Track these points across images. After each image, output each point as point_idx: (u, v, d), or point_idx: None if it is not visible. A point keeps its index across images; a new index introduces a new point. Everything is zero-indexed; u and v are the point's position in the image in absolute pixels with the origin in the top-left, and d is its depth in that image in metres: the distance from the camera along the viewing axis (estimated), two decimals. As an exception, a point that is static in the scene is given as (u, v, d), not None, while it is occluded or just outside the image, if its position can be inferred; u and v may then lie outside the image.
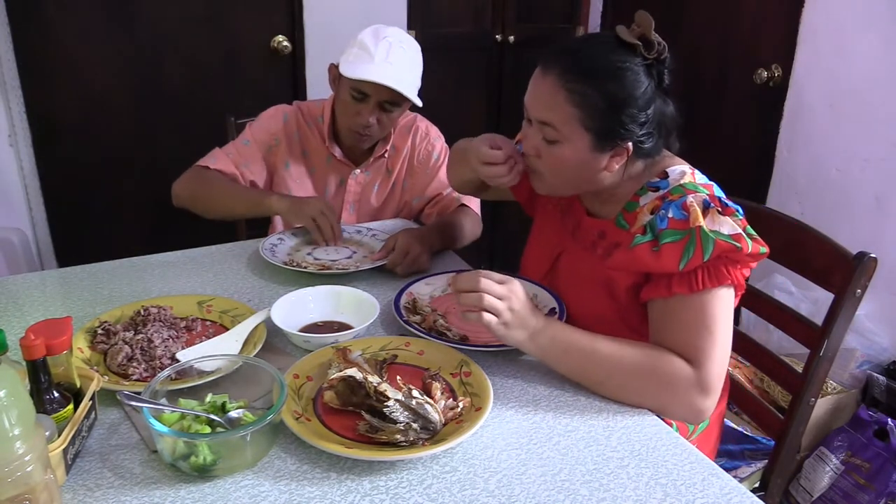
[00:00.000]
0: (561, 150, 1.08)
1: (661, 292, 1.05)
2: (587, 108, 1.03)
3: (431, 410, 0.91)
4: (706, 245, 1.00)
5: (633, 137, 1.05)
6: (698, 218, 1.02)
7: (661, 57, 1.04)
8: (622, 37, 1.04)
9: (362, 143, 1.69)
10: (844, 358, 2.12)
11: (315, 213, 1.51)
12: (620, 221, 1.14)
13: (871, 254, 1.16)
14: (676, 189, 1.08)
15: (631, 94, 1.03)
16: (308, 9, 2.48)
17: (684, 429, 1.21)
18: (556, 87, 1.04)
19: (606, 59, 1.04)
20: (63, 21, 2.23)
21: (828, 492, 1.97)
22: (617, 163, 1.08)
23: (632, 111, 1.03)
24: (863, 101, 2.13)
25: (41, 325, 0.88)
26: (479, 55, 3.00)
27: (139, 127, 2.43)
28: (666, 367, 1.01)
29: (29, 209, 2.29)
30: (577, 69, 1.04)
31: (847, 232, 2.09)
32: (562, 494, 0.84)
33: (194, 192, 1.65)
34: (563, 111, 1.05)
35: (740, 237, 1.01)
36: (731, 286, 1.04)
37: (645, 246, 1.06)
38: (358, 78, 1.53)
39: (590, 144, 1.06)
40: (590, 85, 1.03)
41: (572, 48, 1.08)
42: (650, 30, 1.03)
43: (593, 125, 1.04)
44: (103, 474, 0.85)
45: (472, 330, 1.21)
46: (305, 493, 0.83)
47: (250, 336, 1.12)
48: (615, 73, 1.03)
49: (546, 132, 1.08)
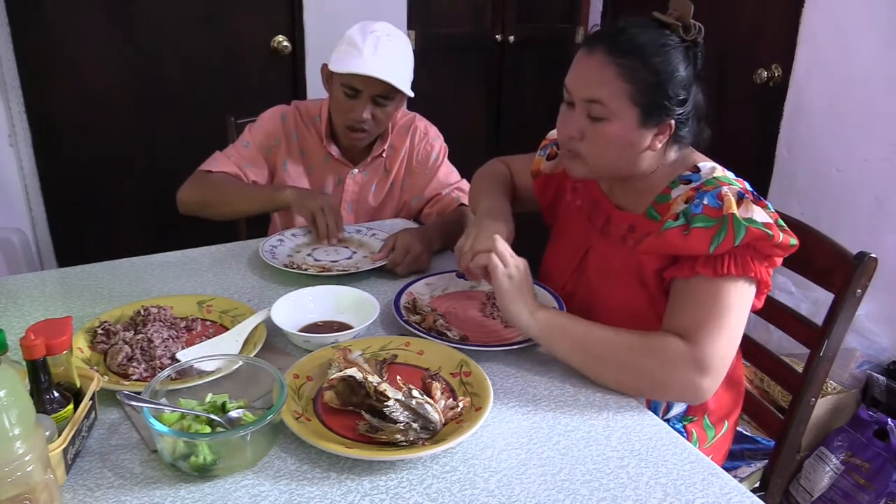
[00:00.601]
0: (608, 128, 1.09)
1: (684, 272, 1.07)
2: (637, 83, 1.05)
3: (431, 410, 0.91)
4: (738, 231, 1.01)
5: (675, 115, 1.08)
6: (732, 206, 1.03)
7: (698, 40, 1.08)
8: (661, 19, 1.08)
9: (359, 141, 1.69)
10: (844, 358, 2.12)
11: (316, 209, 1.52)
12: (652, 213, 1.15)
13: (871, 254, 1.16)
14: (710, 181, 1.10)
15: (676, 70, 1.06)
16: (308, 9, 2.49)
17: (703, 438, 1.22)
18: (605, 64, 1.06)
19: (651, 37, 1.07)
20: (63, 21, 2.23)
21: (828, 492, 1.97)
22: (659, 141, 1.10)
23: (676, 89, 1.07)
24: (863, 101, 2.13)
25: (41, 325, 0.88)
26: (479, 55, 3.01)
27: (139, 127, 2.43)
28: (660, 343, 1.03)
29: (29, 209, 2.29)
30: (626, 46, 1.06)
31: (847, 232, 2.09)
32: (562, 494, 0.84)
33: (203, 197, 1.64)
34: (612, 86, 1.06)
35: (772, 226, 1.02)
36: (753, 280, 1.06)
37: (676, 230, 1.07)
38: (347, 72, 1.53)
39: (637, 121, 1.08)
40: (638, 60, 1.05)
41: (617, 28, 1.10)
42: (689, 14, 1.07)
43: (642, 99, 1.06)
44: (103, 474, 0.85)
45: (472, 330, 1.21)
46: (305, 493, 0.83)
47: (250, 336, 1.12)
48: (660, 50, 1.06)
49: (593, 109, 1.09)
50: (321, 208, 1.52)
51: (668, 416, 1.22)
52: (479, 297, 1.33)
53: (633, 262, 1.16)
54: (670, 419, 1.22)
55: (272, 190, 1.62)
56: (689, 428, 1.22)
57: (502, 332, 1.21)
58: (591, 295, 1.24)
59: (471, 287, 1.37)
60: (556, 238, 1.39)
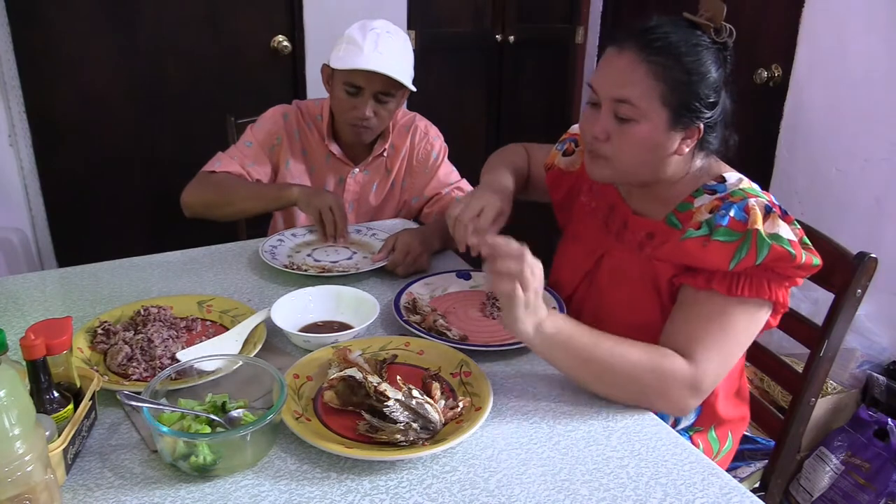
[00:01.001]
0: (637, 129, 1.05)
1: (698, 283, 1.04)
2: (668, 82, 1.02)
3: (431, 410, 0.91)
4: (761, 248, 0.98)
5: (704, 119, 1.05)
6: (757, 221, 1.00)
7: (729, 43, 1.06)
8: (692, 19, 1.05)
9: (363, 137, 1.68)
10: (844, 358, 2.12)
11: (323, 208, 1.51)
12: (672, 220, 1.12)
13: (871, 254, 1.16)
14: (737, 192, 1.06)
15: (708, 71, 1.03)
16: (308, 9, 2.48)
17: (709, 450, 1.21)
18: (636, 62, 1.03)
19: (684, 35, 1.04)
20: (63, 21, 2.23)
21: (828, 492, 1.97)
22: (687, 146, 1.07)
23: (707, 91, 1.04)
24: (863, 101, 2.13)
25: (41, 325, 0.88)
26: (479, 55, 3.00)
27: (139, 127, 2.43)
28: (665, 366, 0.99)
29: (29, 209, 2.29)
30: (658, 43, 1.03)
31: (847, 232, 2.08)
32: (562, 494, 0.84)
33: (208, 198, 1.63)
34: (643, 85, 1.03)
35: (796, 245, 0.99)
36: (767, 303, 1.03)
37: (696, 240, 1.04)
38: (349, 68, 1.53)
39: (666, 122, 1.04)
40: (670, 58, 1.02)
41: (648, 26, 1.06)
42: (721, 15, 1.04)
43: (672, 100, 1.03)
44: (103, 474, 0.85)
45: (472, 330, 1.21)
46: (305, 493, 0.83)
47: (250, 336, 1.12)
48: (693, 49, 1.03)
49: (621, 110, 1.05)
50: (329, 207, 1.52)
51: (676, 428, 1.20)
52: (479, 297, 1.33)
53: (650, 270, 1.13)
54: (679, 430, 1.20)
55: (278, 189, 1.61)
56: (695, 438, 1.21)
57: (502, 333, 1.21)
58: (602, 303, 1.21)
59: (471, 287, 1.37)
60: (568, 241, 1.35)
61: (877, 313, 2.10)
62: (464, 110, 3.05)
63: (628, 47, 1.04)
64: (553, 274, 1.35)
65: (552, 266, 1.37)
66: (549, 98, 3.26)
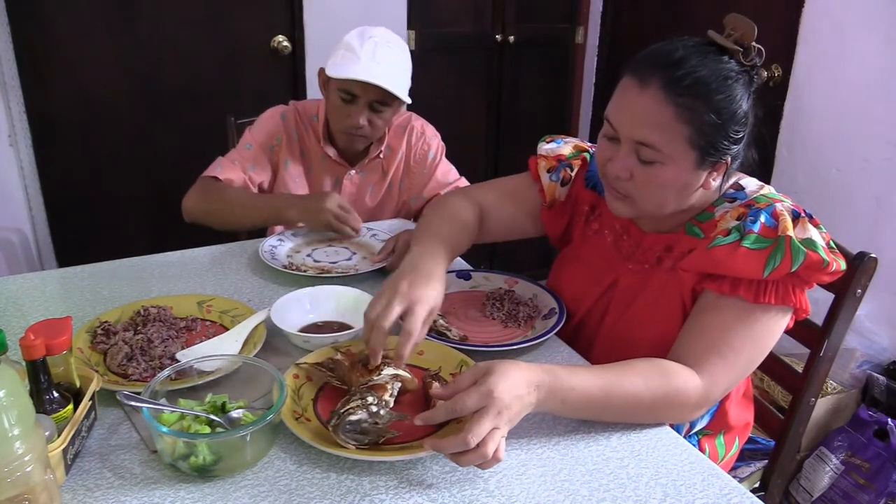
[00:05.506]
0: (662, 171, 0.98)
1: (722, 289, 1.00)
2: (698, 124, 0.95)
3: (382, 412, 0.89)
4: (796, 255, 0.95)
5: (731, 153, 0.99)
6: (788, 227, 0.96)
7: (757, 63, 0.98)
8: (720, 43, 0.97)
9: (356, 145, 1.68)
10: (844, 358, 2.12)
11: (330, 218, 1.51)
12: (692, 230, 1.08)
13: (871, 254, 1.16)
14: (760, 198, 1.03)
15: (739, 107, 0.96)
16: (308, 9, 2.48)
17: (715, 455, 1.21)
18: (662, 103, 0.95)
19: (713, 69, 0.95)
20: (63, 21, 2.23)
21: (828, 492, 1.97)
22: (714, 179, 1.02)
23: (735, 128, 0.97)
24: (863, 101, 2.13)
25: (41, 325, 0.88)
26: (479, 55, 3.00)
27: (139, 127, 2.43)
28: (677, 387, 0.96)
29: (29, 209, 2.29)
30: (686, 81, 0.94)
31: (847, 232, 2.08)
32: (562, 494, 0.84)
33: (209, 209, 1.62)
34: (671, 129, 0.96)
35: (827, 251, 0.97)
36: (790, 309, 1.01)
37: (726, 247, 0.99)
38: (344, 77, 1.53)
39: (693, 163, 0.98)
40: (699, 99, 0.94)
41: (673, 60, 0.96)
42: (752, 35, 0.96)
43: (701, 141, 0.96)
44: (103, 474, 0.85)
45: (472, 330, 1.21)
46: (305, 493, 0.83)
47: (250, 336, 1.12)
48: (723, 85, 0.95)
49: (644, 153, 0.98)
50: (334, 216, 1.51)
51: (691, 432, 1.19)
52: (479, 298, 1.33)
53: (672, 281, 1.08)
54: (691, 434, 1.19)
55: (275, 207, 1.59)
56: (703, 442, 1.19)
57: (502, 333, 1.21)
58: (620, 321, 1.16)
59: (471, 287, 1.37)
60: (568, 262, 1.29)
61: (877, 313, 2.10)
62: (464, 110, 3.05)
63: (652, 84, 0.95)
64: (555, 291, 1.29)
65: (548, 279, 1.34)
66: (548, 98, 3.26)
